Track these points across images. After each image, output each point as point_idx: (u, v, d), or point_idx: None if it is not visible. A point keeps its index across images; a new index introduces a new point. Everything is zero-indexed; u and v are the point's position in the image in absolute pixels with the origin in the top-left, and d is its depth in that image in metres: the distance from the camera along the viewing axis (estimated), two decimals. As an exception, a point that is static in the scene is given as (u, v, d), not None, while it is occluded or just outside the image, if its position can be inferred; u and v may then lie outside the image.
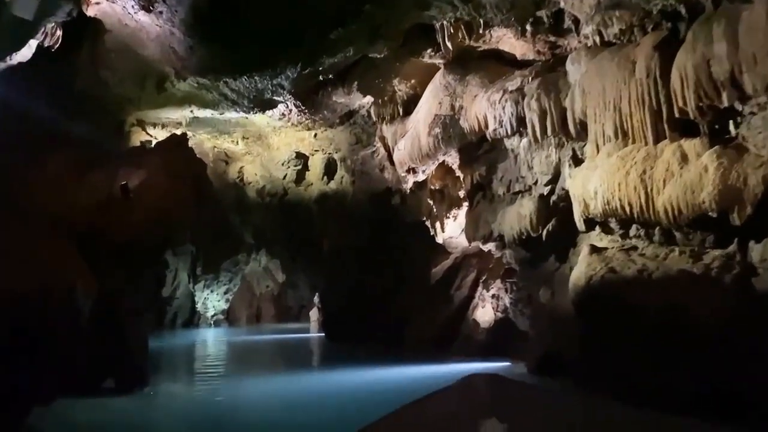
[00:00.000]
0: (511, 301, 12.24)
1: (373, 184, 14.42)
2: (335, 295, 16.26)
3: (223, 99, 10.69)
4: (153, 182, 8.33)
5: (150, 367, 10.87)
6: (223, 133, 16.17)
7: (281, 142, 15.90)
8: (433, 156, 11.33)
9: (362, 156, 14.15)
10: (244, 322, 25.04)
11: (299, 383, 10.39)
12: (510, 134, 9.93)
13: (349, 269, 15.55)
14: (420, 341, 13.63)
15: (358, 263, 15.45)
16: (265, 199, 18.43)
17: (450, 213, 12.47)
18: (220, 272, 22.86)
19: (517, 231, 10.05)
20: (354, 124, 13.88)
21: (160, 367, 12.07)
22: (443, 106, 11.04)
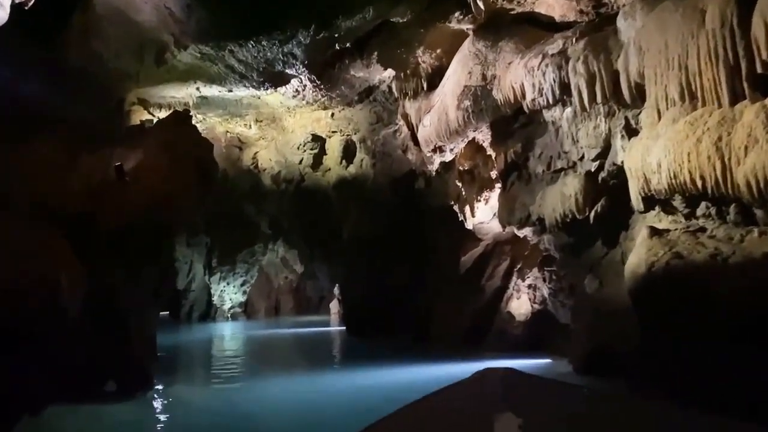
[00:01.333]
0: (551, 292, 11.20)
1: (395, 167, 13.42)
2: (356, 287, 15.36)
3: (230, 72, 9.75)
4: (152, 163, 7.45)
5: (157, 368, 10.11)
6: (234, 115, 15.27)
7: (296, 123, 14.96)
8: (463, 132, 10.29)
9: (383, 136, 13.13)
10: (263, 315, 24.27)
11: (321, 385, 9.51)
12: (551, 104, 8.85)
13: (370, 259, 14.61)
14: (448, 336, 12.69)
15: (380, 252, 14.50)
16: (281, 186, 17.54)
17: (480, 196, 11.43)
18: (237, 264, 22.12)
19: (560, 213, 8.99)
20: (374, 102, 12.85)
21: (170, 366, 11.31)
22: (473, 76, 9.98)
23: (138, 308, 7.99)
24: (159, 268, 7.97)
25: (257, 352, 14.45)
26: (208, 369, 11.89)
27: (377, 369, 10.61)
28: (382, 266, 14.37)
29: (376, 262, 14.53)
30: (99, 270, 7.04)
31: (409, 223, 13.88)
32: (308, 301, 25.52)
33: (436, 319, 13.40)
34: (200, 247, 22.50)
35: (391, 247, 14.25)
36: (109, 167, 7.36)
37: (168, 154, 7.62)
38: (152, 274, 7.74)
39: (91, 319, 7.28)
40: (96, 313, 7.28)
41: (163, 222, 7.34)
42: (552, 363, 10.40)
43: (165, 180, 7.35)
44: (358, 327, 15.29)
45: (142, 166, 7.35)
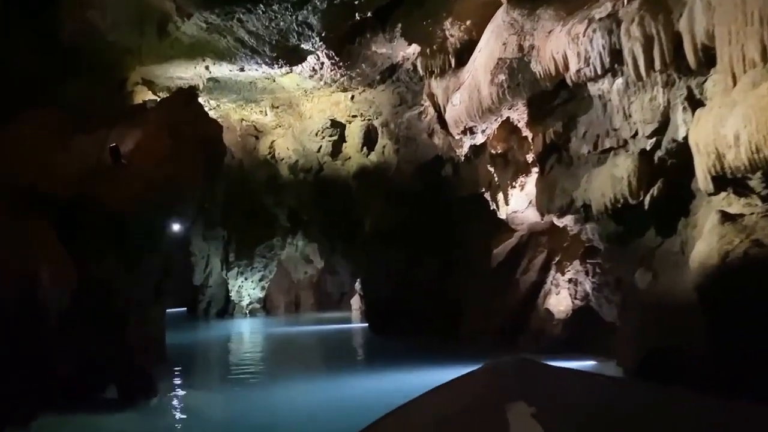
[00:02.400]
0: (594, 287, 10.24)
1: (420, 152, 12.51)
2: (379, 282, 14.51)
3: (240, 46, 8.92)
4: (151, 144, 6.68)
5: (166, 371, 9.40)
6: (249, 101, 14.50)
7: (314, 108, 14.12)
8: (496, 110, 9.34)
9: (407, 118, 12.21)
10: (282, 311, 23.58)
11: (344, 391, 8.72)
12: (599, 74, 7.88)
13: (393, 252, 13.75)
14: (479, 335, 11.81)
15: (404, 245, 13.63)
16: (298, 176, 16.73)
17: (515, 182, 10.49)
18: (254, 258, 21.46)
19: (610, 198, 8.01)
20: (397, 82, 11.94)
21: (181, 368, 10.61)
22: (509, 48, 9.02)
23: (138, 305, 7.22)
24: (161, 260, 7.21)
25: (276, 351, 13.71)
26: (223, 371, 11.16)
27: (403, 371, 9.82)
28: (407, 260, 13.50)
29: (400, 255, 13.67)
30: (92, 262, 6.27)
31: (435, 213, 12.97)
32: (329, 297, 24.78)
33: (466, 317, 12.54)
34: (217, 241, 21.91)
35: (416, 239, 13.37)
36: (104, 149, 6.59)
37: (170, 134, 6.85)
38: (153, 266, 6.98)
39: (84, 318, 6.55)
40: (90, 310, 6.55)
41: (163, 208, 6.56)
42: (597, 365, 9.45)
43: (166, 162, 6.58)
44: (381, 325, 14.46)
45: (141, 147, 6.58)
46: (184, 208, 7.22)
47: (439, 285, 12.96)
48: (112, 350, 7.08)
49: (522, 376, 3.52)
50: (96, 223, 6.27)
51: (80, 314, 6.49)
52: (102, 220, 6.26)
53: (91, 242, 6.26)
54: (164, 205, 6.56)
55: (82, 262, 6.25)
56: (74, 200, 6.24)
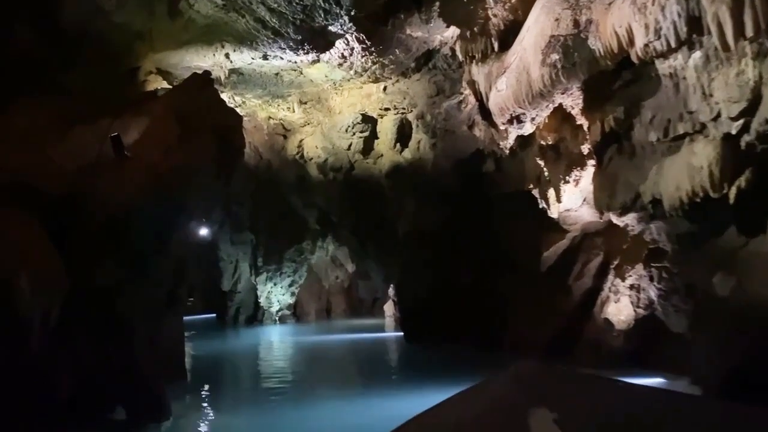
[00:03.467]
0: (660, 294, 9.10)
1: (459, 147, 11.51)
2: (414, 288, 13.55)
3: (261, 28, 8.09)
4: (158, 133, 5.89)
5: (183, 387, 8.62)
6: (276, 97, 13.75)
7: (344, 102, 13.27)
8: (548, 95, 8.30)
9: (445, 109, 11.22)
10: (313, 318, 22.78)
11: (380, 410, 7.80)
12: (673, 48, 6.77)
13: (430, 255, 12.79)
14: (525, 346, 10.76)
15: (442, 248, 12.66)
16: (328, 176, 15.89)
17: (569, 176, 9.41)
18: (284, 263, 20.70)
19: (687, 191, 6.91)
20: (433, 69, 10.98)
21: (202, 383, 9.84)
22: (562, 23, 7.97)
23: (148, 315, 6.43)
24: (173, 264, 6.40)
25: (305, 363, 12.84)
26: (248, 388, 10.34)
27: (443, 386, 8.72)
28: (445, 264, 12.52)
29: (436, 259, 12.69)
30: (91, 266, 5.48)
31: (475, 213, 11.96)
32: (361, 303, 23.92)
33: (511, 326, 11.53)
34: (245, 245, 21.26)
35: (454, 241, 12.38)
36: (107, 141, 5.82)
37: (179, 122, 6.06)
38: (163, 271, 6.18)
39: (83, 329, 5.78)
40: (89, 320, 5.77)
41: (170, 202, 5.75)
42: (667, 383, 8.32)
43: (173, 151, 5.78)
44: (417, 333, 13.50)
45: (146, 136, 5.79)
46: (195, 204, 6.40)
47: (481, 291, 11.95)
48: (118, 366, 6.30)
49: (544, 381, 3.54)
50: (94, 221, 5.49)
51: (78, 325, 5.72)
52: (101, 219, 5.48)
53: (89, 244, 5.48)
54: (171, 200, 5.76)
55: (79, 266, 5.47)
56: (69, 196, 5.48)
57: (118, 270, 5.74)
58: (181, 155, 5.80)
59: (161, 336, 7.04)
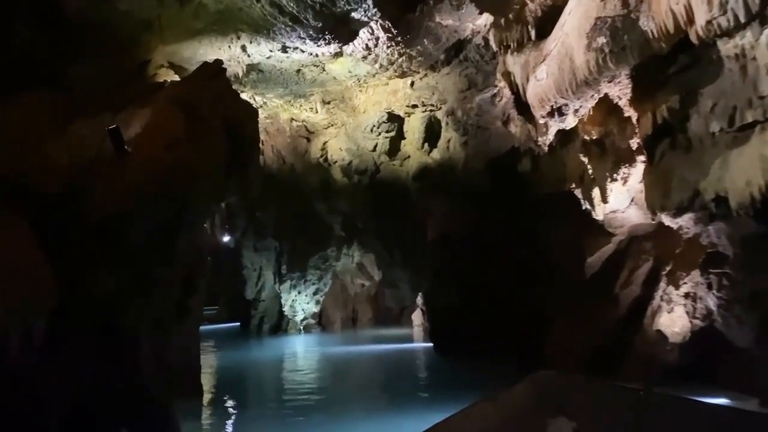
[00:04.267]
0: (720, 303, 8.23)
1: (492, 144, 10.79)
2: (444, 297, 12.81)
3: (278, 14, 7.52)
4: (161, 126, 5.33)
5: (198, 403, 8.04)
6: (298, 96, 13.23)
7: (369, 101, 12.66)
8: (594, 83, 7.55)
9: (477, 103, 10.51)
10: (339, 327, 22.10)
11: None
12: (742, 23, 6.00)
13: (461, 261, 12.06)
14: (567, 359, 9.90)
15: (474, 253, 11.92)
16: (352, 179, 15.29)
17: (616, 174, 8.61)
18: (308, 270, 20.13)
19: (760, 186, 6.10)
20: (465, 62, 10.30)
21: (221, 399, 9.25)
22: (609, 4, 7.23)
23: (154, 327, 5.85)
24: (181, 271, 5.82)
25: (332, 377, 12.16)
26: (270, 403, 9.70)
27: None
28: (477, 271, 11.77)
29: (469, 266, 11.95)
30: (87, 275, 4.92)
31: (510, 216, 11.20)
32: (388, 312, 23.14)
33: (551, 338, 10.68)
34: (269, 252, 20.78)
35: (487, 247, 11.63)
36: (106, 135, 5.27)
37: (185, 114, 5.48)
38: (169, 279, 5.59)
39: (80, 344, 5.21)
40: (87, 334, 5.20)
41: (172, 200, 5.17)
42: (733, 403, 7.43)
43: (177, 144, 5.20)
44: (448, 345, 12.75)
45: (148, 129, 5.23)
46: (203, 205, 5.81)
47: (517, 300, 11.16)
48: (120, 384, 5.71)
49: (563, 390, 3.55)
50: (91, 223, 4.93)
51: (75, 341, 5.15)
52: (97, 221, 4.91)
53: (85, 248, 4.91)
54: (175, 199, 5.17)
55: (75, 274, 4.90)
56: (64, 196, 4.93)
57: (117, 279, 5.17)
58: (186, 150, 5.22)
59: (170, 350, 6.45)
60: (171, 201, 5.15)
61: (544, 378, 3.84)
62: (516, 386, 3.80)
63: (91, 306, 5.21)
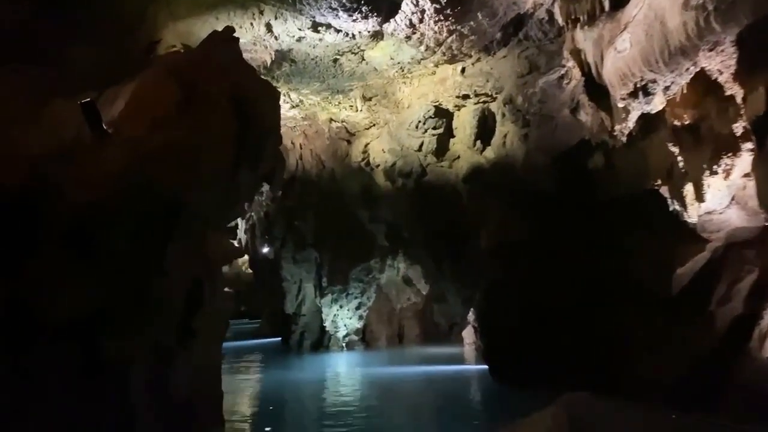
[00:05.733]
0: None
1: (558, 137, 9.43)
2: (502, 313, 11.44)
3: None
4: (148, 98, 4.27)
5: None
6: (336, 92, 12.22)
7: (413, 94, 11.52)
8: (692, 51, 6.20)
9: (541, 88, 9.18)
10: (384, 344, 20.90)
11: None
12: None
13: (521, 273, 10.69)
14: (650, 389, 8.50)
15: (536, 265, 10.54)
16: (396, 183, 14.11)
17: (716, 166, 7.17)
18: (350, 283, 19.07)
19: None
20: (525, 41, 9.02)
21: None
22: (713, -50, 5.90)
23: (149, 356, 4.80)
24: (180, 284, 4.75)
25: (377, 404, 10.86)
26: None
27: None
28: (540, 285, 10.38)
29: (530, 278, 10.57)
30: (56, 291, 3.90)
31: (579, 221, 9.80)
32: (436, 328, 21.84)
33: (630, 365, 9.22)
34: (309, 264, 19.82)
35: (552, 257, 10.24)
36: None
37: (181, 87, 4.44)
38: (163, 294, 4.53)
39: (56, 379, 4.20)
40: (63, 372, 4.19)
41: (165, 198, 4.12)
42: None
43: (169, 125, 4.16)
44: (505, 370, 11.37)
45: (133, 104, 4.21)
46: (202, 199, 4.71)
47: (588, 318, 9.74)
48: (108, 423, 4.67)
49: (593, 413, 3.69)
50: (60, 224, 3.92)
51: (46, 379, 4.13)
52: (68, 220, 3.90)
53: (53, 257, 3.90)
54: (161, 189, 4.12)
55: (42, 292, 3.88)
56: (27, 191, 3.93)
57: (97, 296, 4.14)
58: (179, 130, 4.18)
59: (175, 382, 5.40)
60: (157, 193, 4.11)
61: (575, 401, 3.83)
62: (547, 409, 3.83)
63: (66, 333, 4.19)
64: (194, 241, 4.76)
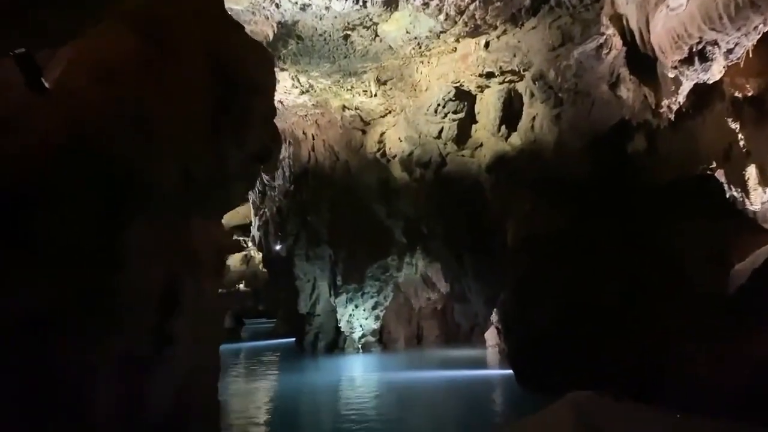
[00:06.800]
0: None
1: (595, 116, 8.48)
2: (530, 314, 10.53)
3: None
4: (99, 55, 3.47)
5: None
6: (349, 74, 11.43)
7: (432, 74, 10.67)
8: (764, 4, 5.24)
9: (576, 60, 8.21)
10: (402, 345, 20.09)
11: None
12: None
13: (552, 270, 9.77)
14: (701, 400, 7.54)
15: (569, 261, 9.62)
16: (414, 173, 13.24)
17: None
18: (366, 281, 18.25)
19: None
20: (557, 8, 8.12)
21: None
22: None
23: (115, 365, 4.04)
24: (153, 278, 3.93)
25: (394, 415, 9.99)
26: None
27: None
28: (574, 282, 9.47)
29: (561, 276, 9.65)
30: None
31: (618, 211, 8.86)
32: (457, 329, 20.96)
33: (678, 372, 8.30)
34: (323, 262, 19.06)
35: (586, 252, 9.31)
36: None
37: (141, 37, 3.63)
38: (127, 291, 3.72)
39: None
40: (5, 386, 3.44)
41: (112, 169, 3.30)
42: None
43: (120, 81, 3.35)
44: (533, 374, 10.45)
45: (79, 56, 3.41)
46: (164, 169, 3.83)
47: (629, 319, 8.81)
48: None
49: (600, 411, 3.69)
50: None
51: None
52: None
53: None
54: (112, 154, 3.29)
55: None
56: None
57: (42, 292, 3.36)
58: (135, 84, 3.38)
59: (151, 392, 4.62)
60: (106, 162, 3.30)
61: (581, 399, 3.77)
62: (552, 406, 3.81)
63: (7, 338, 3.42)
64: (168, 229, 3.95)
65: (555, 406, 3.84)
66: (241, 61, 4.40)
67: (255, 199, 21.28)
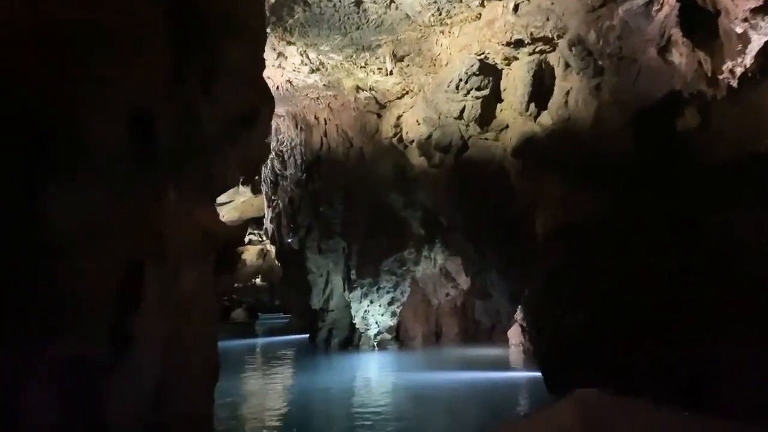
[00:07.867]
0: None
1: (640, 87, 7.49)
2: (560, 311, 9.64)
3: None
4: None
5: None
6: (362, 49, 10.65)
7: (454, 46, 9.80)
8: None
9: (621, 19, 7.18)
10: (420, 343, 19.43)
11: None
12: None
13: (588, 263, 8.87)
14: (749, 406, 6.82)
15: (607, 253, 8.72)
16: (433, 158, 12.35)
17: None
18: (381, 275, 17.53)
19: None
20: (598, -38, 7.17)
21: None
22: None
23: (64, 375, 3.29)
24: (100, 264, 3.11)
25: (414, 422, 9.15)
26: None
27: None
28: (612, 276, 8.56)
29: (600, 268, 8.75)
30: None
31: (665, 197, 7.92)
32: (477, 327, 20.23)
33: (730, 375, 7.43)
34: (336, 255, 18.37)
35: (627, 242, 8.40)
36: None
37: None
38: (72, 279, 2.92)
39: None
40: None
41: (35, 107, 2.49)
42: None
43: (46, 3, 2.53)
44: (564, 380, 9.50)
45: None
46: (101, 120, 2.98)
47: (674, 319, 7.91)
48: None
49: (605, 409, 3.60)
50: None
51: None
52: None
53: None
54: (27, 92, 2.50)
55: None
56: None
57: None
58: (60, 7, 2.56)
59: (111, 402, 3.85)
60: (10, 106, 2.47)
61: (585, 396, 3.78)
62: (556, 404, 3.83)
63: None
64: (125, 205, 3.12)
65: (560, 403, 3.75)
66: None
67: (267, 190, 20.63)
